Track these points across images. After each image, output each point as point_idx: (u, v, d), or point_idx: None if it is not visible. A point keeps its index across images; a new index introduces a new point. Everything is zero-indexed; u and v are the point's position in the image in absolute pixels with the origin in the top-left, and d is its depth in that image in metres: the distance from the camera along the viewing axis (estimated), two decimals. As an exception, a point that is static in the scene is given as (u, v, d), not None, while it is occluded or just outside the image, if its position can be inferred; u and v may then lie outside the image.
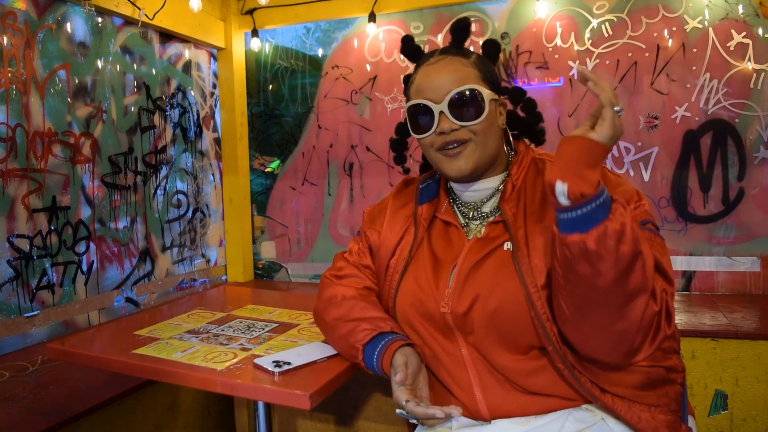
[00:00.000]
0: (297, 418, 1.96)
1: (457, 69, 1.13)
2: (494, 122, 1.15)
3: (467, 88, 1.11)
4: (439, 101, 1.12)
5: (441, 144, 1.13)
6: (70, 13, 2.30)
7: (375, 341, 1.16)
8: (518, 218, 1.10)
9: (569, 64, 2.74)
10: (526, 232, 1.08)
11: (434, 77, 1.13)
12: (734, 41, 2.50)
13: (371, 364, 1.17)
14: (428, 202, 1.26)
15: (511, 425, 1.06)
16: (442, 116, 1.12)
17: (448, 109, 1.11)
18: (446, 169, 1.15)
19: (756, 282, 2.53)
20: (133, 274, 2.62)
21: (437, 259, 1.19)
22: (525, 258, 1.06)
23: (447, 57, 1.16)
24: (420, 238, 1.22)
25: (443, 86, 1.12)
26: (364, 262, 1.34)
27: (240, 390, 1.20)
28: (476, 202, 1.20)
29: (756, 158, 2.51)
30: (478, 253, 1.12)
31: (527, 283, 1.04)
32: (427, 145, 1.17)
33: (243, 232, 3.25)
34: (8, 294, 2.04)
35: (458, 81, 1.12)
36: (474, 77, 1.13)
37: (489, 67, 1.19)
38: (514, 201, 1.13)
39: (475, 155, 1.12)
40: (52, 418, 1.55)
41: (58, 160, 2.24)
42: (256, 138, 3.32)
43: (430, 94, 1.13)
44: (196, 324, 1.59)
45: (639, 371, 1.05)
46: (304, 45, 3.18)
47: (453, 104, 1.10)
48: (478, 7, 2.86)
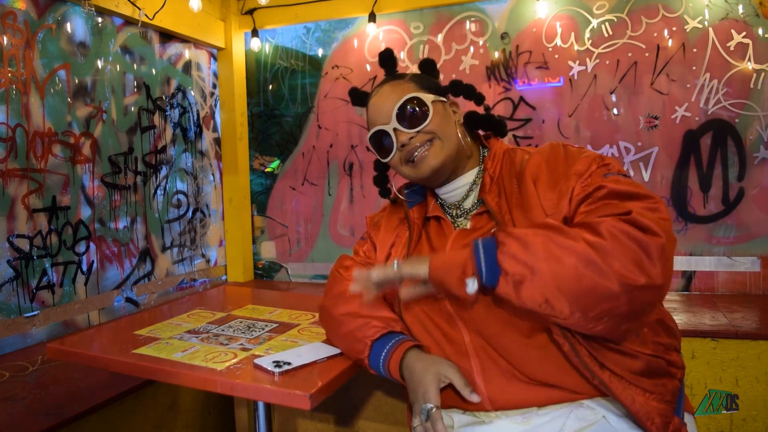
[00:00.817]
0: (297, 418, 1.96)
1: (393, 90, 1.22)
2: (448, 120, 1.22)
3: (405, 99, 1.19)
4: (388, 121, 1.20)
5: (407, 156, 1.20)
6: (70, 13, 2.30)
7: (385, 339, 1.18)
8: (502, 207, 1.15)
9: (569, 64, 2.74)
10: (512, 218, 1.11)
11: (378, 104, 1.23)
12: (734, 41, 2.51)
13: (377, 362, 1.18)
14: (418, 204, 1.32)
15: (512, 424, 1.07)
16: (396, 132, 1.20)
17: (398, 122, 1.19)
18: (420, 173, 1.20)
19: (756, 282, 2.53)
20: (133, 274, 2.62)
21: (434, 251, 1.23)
22: None
23: (384, 86, 1.26)
24: (416, 236, 1.27)
25: (388, 108, 1.21)
26: (371, 261, 1.38)
27: (240, 390, 1.20)
28: (458, 201, 1.26)
29: (756, 158, 2.51)
30: (464, 240, 1.16)
31: None
32: (397, 164, 1.24)
33: (243, 232, 3.25)
34: (8, 294, 2.04)
35: (399, 97, 1.20)
36: (411, 89, 1.21)
37: (425, 78, 1.27)
38: (495, 192, 1.18)
39: (442, 152, 1.19)
40: (52, 418, 1.55)
41: (58, 160, 2.24)
42: (256, 138, 3.32)
43: (381, 120, 1.22)
44: (196, 324, 1.59)
45: (641, 358, 1.05)
46: (304, 45, 3.18)
47: (400, 117, 1.19)
48: (478, 7, 2.86)
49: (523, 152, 1.22)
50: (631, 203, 0.98)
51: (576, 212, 1.05)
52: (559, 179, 1.09)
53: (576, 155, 1.12)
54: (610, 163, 1.09)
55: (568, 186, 1.07)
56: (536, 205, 1.09)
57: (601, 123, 2.72)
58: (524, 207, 1.11)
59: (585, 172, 1.07)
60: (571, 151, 1.14)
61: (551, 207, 1.07)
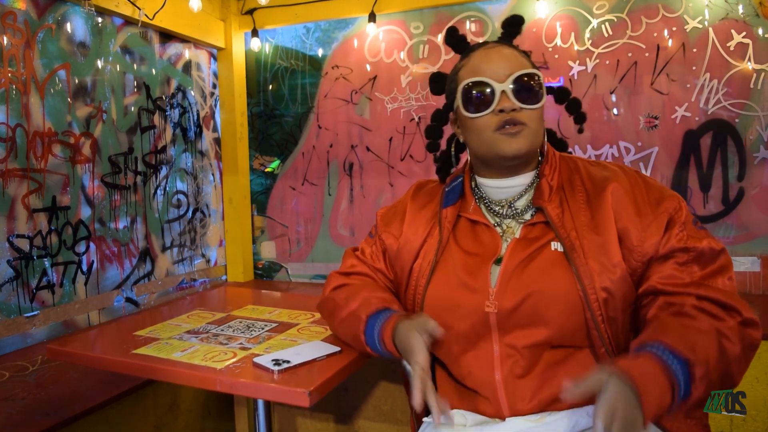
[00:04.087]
0: (297, 417, 1.97)
1: (516, 55, 1.14)
2: (542, 114, 1.15)
3: (532, 72, 1.11)
4: (501, 80, 1.10)
5: (500, 123, 1.10)
6: (70, 13, 2.30)
7: (379, 313, 1.18)
8: (566, 220, 1.10)
9: (569, 64, 2.74)
10: (579, 238, 1.08)
11: (494, 58, 1.12)
12: (734, 41, 2.50)
13: (371, 336, 1.17)
14: (452, 205, 1.23)
15: (525, 422, 1.05)
16: (503, 96, 1.09)
17: (512, 88, 1.09)
18: (504, 148, 1.10)
19: (756, 282, 2.53)
20: (133, 274, 2.62)
21: (470, 256, 1.16)
22: (582, 259, 1.06)
23: (502, 45, 1.16)
24: (445, 240, 1.20)
25: (505, 67, 1.11)
26: (377, 266, 1.32)
27: (239, 388, 1.20)
28: (509, 199, 1.18)
29: (756, 158, 2.51)
30: (523, 251, 1.11)
31: (585, 284, 1.04)
32: (481, 126, 1.12)
33: (243, 232, 3.25)
34: (8, 294, 2.04)
35: (519, 65, 1.12)
36: (531, 66, 1.14)
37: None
38: (557, 202, 1.12)
39: (528, 139, 1.11)
40: (52, 418, 1.55)
41: (58, 160, 2.24)
42: (256, 138, 3.32)
43: (492, 74, 1.11)
44: (195, 324, 1.59)
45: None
46: (304, 45, 3.18)
47: (517, 84, 1.09)
48: (478, 7, 2.86)
49: (584, 163, 1.18)
50: (736, 300, 1.02)
51: (666, 259, 1.06)
52: (644, 212, 1.07)
53: (659, 189, 1.11)
54: (683, 204, 1.10)
55: (660, 220, 1.06)
56: (611, 229, 1.07)
57: (601, 123, 2.72)
58: (598, 231, 1.08)
59: (678, 215, 1.07)
60: (650, 182, 1.12)
61: (634, 239, 1.06)
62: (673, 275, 1.04)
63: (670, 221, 1.06)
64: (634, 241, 1.06)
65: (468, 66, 1.16)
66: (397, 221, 1.31)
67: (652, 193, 1.09)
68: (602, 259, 1.06)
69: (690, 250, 1.05)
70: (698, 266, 1.05)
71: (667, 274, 1.04)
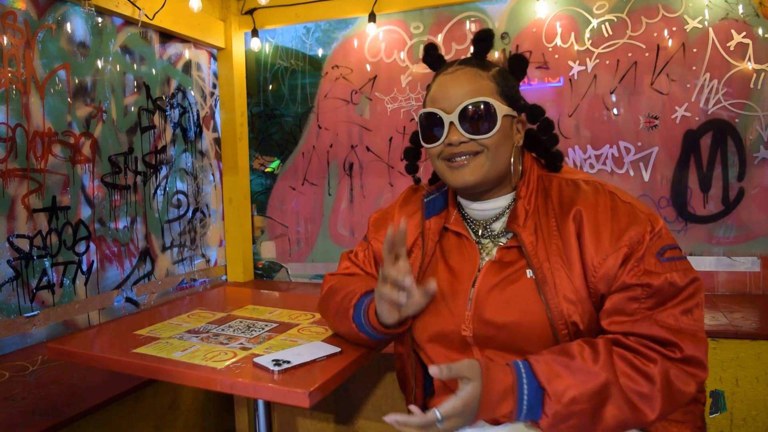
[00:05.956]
0: (297, 417, 1.97)
1: (472, 80, 1.10)
2: (508, 139, 1.12)
3: (480, 101, 1.08)
4: (450, 111, 1.09)
5: (448, 155, 1.11)
6: (70, 13, 2.30)
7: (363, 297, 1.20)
8: (539, 249, 1.08)
9: (569, 64, 2.74)
10: (551, 266, 1.06)
11: (449, 87, 1.11)
12: (734, 41, 2.51)
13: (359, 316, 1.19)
14: (436, 215, 1.23)
15: (524, 426, 1.05)
16: (452, 127, 1.09)
17: (459, 120, 1.08)
18: (450, 179, 1.13)
19: (756, 282, 2.53)
20: (133, 274, 2.62)
21: (453, 274, 1.17)
22: (552, 291, 1.05)
23: (465, 68, 1.13)
24: (430, 252, 1.20)
25: (456, 97, 1.09)
26: (369, 270, 1.35)
27: (239, 388, 1.20)
28: (485, 220, 1.18)
29: (756, 158, 2.51)
30: (496, 275, 1.11)
31: (554, 315, 1.04)
32: (434, 155, 1.14)
33: (243, 232, 3.25)
34: (8, 294, 2.04)
35: (472, 93, 1.09)
36: (490, 90, 1.10)
37: (509, 82, 1.15)
38: (531, 229, 1.10)
39: (483, 169, 1.09)
40: (52, 418, 1.55)
41: (58, 160, 2.24)
42: (256, 138, 3.32)
43: (443, 104, 1.11)
44: (196, 324, 1.59)
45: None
46: (304, 45, 3.18)
47: (464, 116, 1.08)
48: (478, 7, 2.86)
49: (559, 182, 1.14)
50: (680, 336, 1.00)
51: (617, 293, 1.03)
52: (605, 238, 1.04)
53: (627, 216, 1.05)
54: (659, 227, 1.04)
55: (618, 254, 1.02)
56: (576, 259, 1.05)
57: (601, 123, 2.72)
58: (568, 261, 1.06)
59: (638, 248, 1.02)
60: (619, 208, 1.06)
61: (594, 267, 1.04)
62: (621, 310, 1.02)
63: (628, 256, 1.02)
64: (591, 273, 1.04)
65: (429, 93, 1.16)
66: (385, 228, 1.29)
67: (617, 223, 1.04)
68: (570, 293, 1.05)
69: (644, 285, 1.01)
70: (652, 301, 1.01)
71: (615, 308, 1.03)
